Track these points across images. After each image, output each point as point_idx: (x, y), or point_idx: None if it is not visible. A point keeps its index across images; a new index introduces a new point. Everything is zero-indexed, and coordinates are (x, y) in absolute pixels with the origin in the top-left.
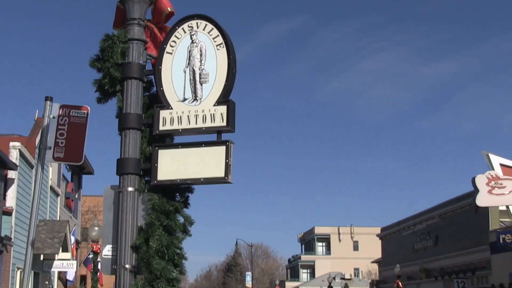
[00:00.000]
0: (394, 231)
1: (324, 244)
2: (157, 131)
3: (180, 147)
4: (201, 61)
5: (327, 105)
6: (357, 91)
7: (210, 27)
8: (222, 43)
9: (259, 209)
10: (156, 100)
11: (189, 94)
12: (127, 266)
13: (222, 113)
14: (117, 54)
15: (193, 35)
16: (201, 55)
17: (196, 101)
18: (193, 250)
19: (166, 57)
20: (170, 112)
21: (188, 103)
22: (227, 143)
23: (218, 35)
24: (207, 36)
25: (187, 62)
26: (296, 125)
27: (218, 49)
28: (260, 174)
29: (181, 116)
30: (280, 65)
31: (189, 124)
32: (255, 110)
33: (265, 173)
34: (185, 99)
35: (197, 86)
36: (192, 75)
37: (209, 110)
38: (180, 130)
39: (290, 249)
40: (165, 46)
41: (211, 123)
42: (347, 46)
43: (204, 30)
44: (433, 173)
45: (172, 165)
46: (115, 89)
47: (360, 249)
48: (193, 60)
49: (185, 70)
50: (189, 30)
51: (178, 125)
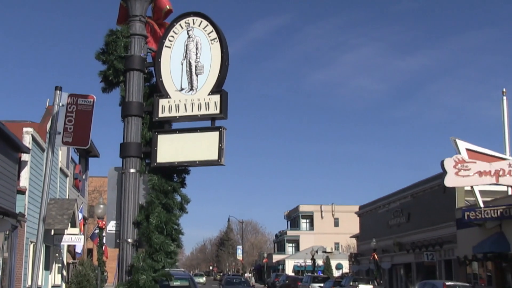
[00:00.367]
0: (370, 209)
1: (307, 220)
2: (157, 118)
3: (177, 132)
4: (197, 54)
5: (311, 94)
6: (338, 82)
7: (205, 23)
8: (216, 38)
9: (249, 189)
10: (155, 89)
11: (185, 84)
12: (129, 240)
13: (215, 102)
14: (121, 47)
15: (190, 31)
16: (197, 49)
17: (192, 91)
18: (189, 226)
19: (165, 50)
20: (168, 100)
21: (185, 92)
22: (220, 129)
23: (212, 31)
24: (202, 31)
25: (184, 55)
26: (283, 113)
27: (212, 44)
28: (250, 157)
29: (178, 104)
30: (268, 59)
31: (186, 111)
32: (246, 99)
33: (255, 156)
34: (182, 89)
35: (193, 77)
36: (188, 67)
37: (204, 99)
38: (177, 117)
39: (277, 225)
40: (164, 40)
41: (206, 110)
42: (329, 41)
43: (199, 26)
44: (406, 156)
45: (170, 149)
46: (119, 80)
47: (340, 225)
48: (189, 53)
49: (182, 62)
50: (186, 26)
51: (175, 112)
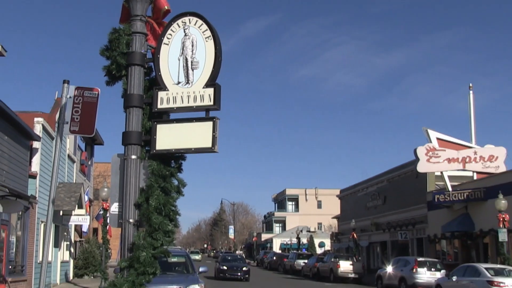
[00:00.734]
0: (350, 192)
1: (293, 203)
2: (156, 109)
3: (175, 122)
4: (192, 51)
5: (297, 88)
6: (322, 77)
7: (200, 22)
8: (210, 36)
9: (241, 174)
10: (155, 83)
11: (182, 78)
12: (131, 220)
13: (210, 94)
14: (123, 44)
15: (186, 29)
16: (192, 46)
17: (188, 84)
18: (186, 207)
19: (163, 47)
20: (166, 93)
21: (181, 85)
22: (214, 119)
23: (207, 29)
24: (197, 30)
25: (181, 51)
26: (271, 105)
27: (207, 41)
28: (241, 144)
29: (175, 96)
30: (258, 55)
31: (182, 103)
32: (237, 92)
33: (246, 144)
34: (179, 82)
35: (189, 71)
36: (185, 63)
37: (199, 91)
38: (175, 108)
39: (265, 207)
40: (162, 38)
41: (201, 102)
42: (313, 40)
43: (195, 25)
44: (383, 144)
45: (168, 137)
46: (121, 74)
47: (323, 207)
48: (186, 50)
49: (179, 58)
50: (182, 25)
51: (173, 104)
